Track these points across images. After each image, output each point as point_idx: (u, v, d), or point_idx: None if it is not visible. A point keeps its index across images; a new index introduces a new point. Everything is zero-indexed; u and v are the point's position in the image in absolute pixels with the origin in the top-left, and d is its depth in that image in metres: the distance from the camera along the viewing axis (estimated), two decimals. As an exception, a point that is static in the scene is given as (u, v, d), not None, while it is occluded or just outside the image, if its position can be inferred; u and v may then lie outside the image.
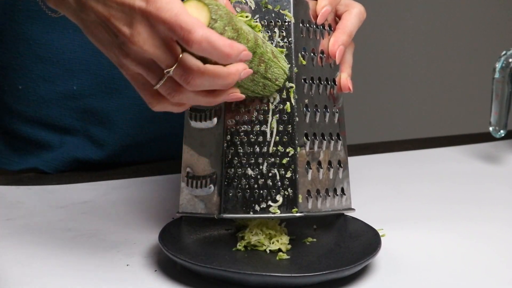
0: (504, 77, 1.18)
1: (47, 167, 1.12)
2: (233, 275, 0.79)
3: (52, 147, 1.13)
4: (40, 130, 1.13)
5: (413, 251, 0.90)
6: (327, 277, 0.81)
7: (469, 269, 0.86)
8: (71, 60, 1.10)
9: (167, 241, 0.84)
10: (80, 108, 1.12)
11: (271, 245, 0.87)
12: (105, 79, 1.11)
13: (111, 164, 1.14)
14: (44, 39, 1.10)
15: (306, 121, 0.87)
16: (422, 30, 2.76)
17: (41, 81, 1.11)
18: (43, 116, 1.12)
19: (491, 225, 0.98)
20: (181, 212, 0.89)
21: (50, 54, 1.10)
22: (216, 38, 0.76)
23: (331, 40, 0.90)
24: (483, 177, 1.16)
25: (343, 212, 0.91)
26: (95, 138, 1.13)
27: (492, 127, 1.20)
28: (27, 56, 1.10)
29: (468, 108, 2.78)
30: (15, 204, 1.00)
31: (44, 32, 1.09)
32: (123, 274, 0.83)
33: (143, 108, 1.14)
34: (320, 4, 0.89)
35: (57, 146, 1.13)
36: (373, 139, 1.59)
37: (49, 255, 0.87)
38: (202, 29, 0.75)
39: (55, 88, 1.11)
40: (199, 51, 0.76)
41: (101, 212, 0.98)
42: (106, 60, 1.10)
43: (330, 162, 0.89)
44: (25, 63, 1.11)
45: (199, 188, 0.86)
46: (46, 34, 1.09)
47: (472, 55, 2.79)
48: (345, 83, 0.91)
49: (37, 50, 1.09)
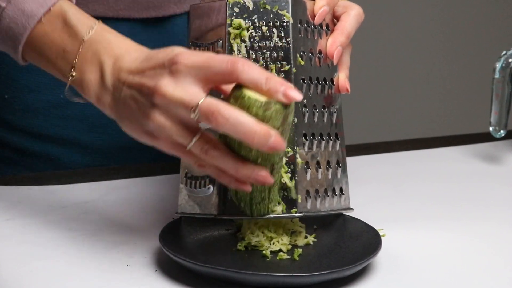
0: (504, 77, 1.18)
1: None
2: (233, 275, 0.79)
3: (38, 156, 1.13)
4: (26, 139, 1.12)
5: (413, 251, 0.90)
6: (327, 277, 0.81)
7: (469, 269, 0.86)
8: None
9: (167, 241, 0.84)
10: (68, 116, 1.12)
11: (272, 246, 0.87)
12: None
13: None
14: None
15: (304, 121, 0.87)
16: (422, 30, 2.76)
17: (27, 90, 1.11)
18: (29, 125, 1.12)
19: (491, 225, 0.98)
20: (180, 212, 0.89)
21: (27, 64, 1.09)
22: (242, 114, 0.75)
23: (329, 41, 0.90)
24: (483, 177, 1.16)
25: (342, 212, 0.91)
26: (85, 145, 1.13)
27: (492, 127, 1.20)
28: (13, 66, 1.09)
29: (468, 108, 2.78)
30: (15, 204, 1.00)
31: None
32: (123, 274, 0.83)
33: None
34: (318, 5, 0.89)
35: (43, 155, 1.13)
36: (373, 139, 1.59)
37: (49, 255, 0.87)
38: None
39: (42, 97, 1.11)
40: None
41: (101, 212, 0.98)
42: None
43: (329, 162, 0.89)
44: (10, 73, 1.10)
45: (198, 188, 0.86)
46: None
47: (472, 55, 2.79)
48: (343, 84, 0.91)
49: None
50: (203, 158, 0.78)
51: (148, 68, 0.78)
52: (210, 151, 0.77)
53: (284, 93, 0.76)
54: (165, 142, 0.79)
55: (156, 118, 0.77)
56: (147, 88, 0.78)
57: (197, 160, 0.79)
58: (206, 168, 0.79)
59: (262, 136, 0.74)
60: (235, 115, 0.74)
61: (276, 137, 0.75)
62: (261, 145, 0.74)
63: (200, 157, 0.78)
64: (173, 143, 0.78)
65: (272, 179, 0.78)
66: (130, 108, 0.79)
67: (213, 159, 0.77)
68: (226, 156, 0.77)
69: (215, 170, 0.79)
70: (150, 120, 0.78)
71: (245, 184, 0.79)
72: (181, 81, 0.76)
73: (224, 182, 0.79)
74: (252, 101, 0.76)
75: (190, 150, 0.78)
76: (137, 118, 0.79)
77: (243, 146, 0.77)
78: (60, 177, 1.10)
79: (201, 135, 0.77)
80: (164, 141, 0.79)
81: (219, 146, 0.78)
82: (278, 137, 0.75)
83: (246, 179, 0.78)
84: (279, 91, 0.76)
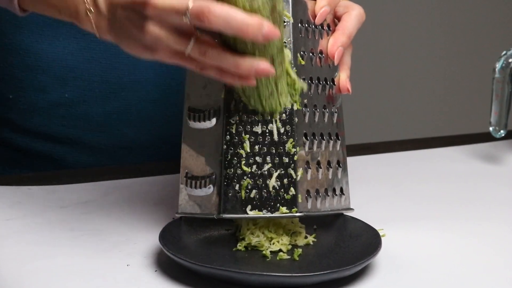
0: (504, 77, 1.18)
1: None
2: (233, 275, 0.79)
3: (43, 156, 1.13)
4: (30, 139, 1.13)
5: (413, 251, 0.90)
6: (327, 277, 0.81)
7: (469, 269, 0.86)
8: (62, 68, 1.10)
9: (167, 241, 0.84)
10: (73, 115, 1.12)
11: (272, 246, 0.87)
12: (99, 84, 1.11)
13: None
14: (33, 48, 1.09)
15: (305, 121, 0.87)
16: (422, 30, 2.76)
17: (32, 90, 1.11)
18: (33, 125, 1.12)
19: (491, 225, 0.98)
20: (180, 212, 0.89)
21: (40, 63, 1.09)
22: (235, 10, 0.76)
23: (330, 41, 0.90)
24: (483, 177, 1.16)
25: (342, 212, 0.91)
26: (89, 145, 1.13)
27: (492, 127, 1.20)
28: (17, 66, 1.10)
29: (468, 108, 2.78)
30: (15, 204, 1.00)
31: (33, 41, 1.09)
32: (123, 274, 0.83)
33: (141, 108, 1.14)
34: (319, 5, 0.89)
35: (47, 154, 1.13)
36: (373, 139, 1.59)
37: (49, 255, 0.87)
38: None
39: (46, 97, 1.11)
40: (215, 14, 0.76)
41: (102, 212, 0.98)
42: (98, 66, 1.10)
43: (329, 162, 0.89)
44: (14, 72, 1.10)
45: (199, 188, 0.86)
46: (36, 43, 1.09)
47: (472, 55, 2.79)
48: (344, 85, 0.91)
49: (27, 60, 1.09)
50: (203, 60, 0.79)
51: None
52: (208, 52, 0.79)
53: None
54: (165, 52, 0.80)
55: (151, 30, 0.79)
56: (138, 4, 0.79)
57: (197, 64, 0.80)
58: (208, 71, 0.80)
59: (255, 27, 0.76)
60: (225, 11, 0.76)
61: (269, 26, 0.76)
62: (255, 35, 0.76)
63: (200, 60, 0.79)
64: (172, 52, 0.80)
65: (273, 70, 0.80)
66: (126, 27, 0.81)
67: (212, 59, 0.79)
68: (225, 53, 0.79)
69: (217, 70, 0.80)
70: (146, 33, 0.79)
71: (248, 78, 0.80)
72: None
73: (228, 81, 0.81)
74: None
75: (190, 55, 0.79)
76: (134, 35, 0.80)
77: (238, 41, 0.79)
78: (60, 177, 1.10)
79: (197, 38, 0.79)
80: (163, 51, 0.80)
81: (216, 45, 0.79)
82: (270, 26, 0.76)
83: (248, 73, 0.79)
84: None
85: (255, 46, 0.80)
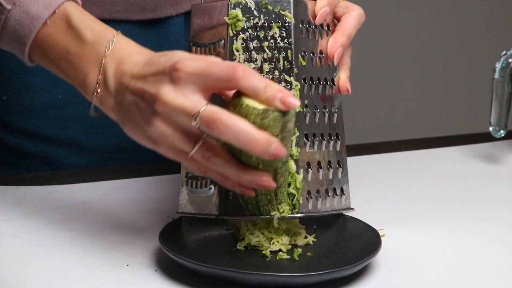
0: (504, 77, 1.18)
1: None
2: (233, 275, 0.79)
3: (36, 157, 1.13)
4: (24, 140, 1.12)
5: (413, 251, 0.90)
6: (327, 277, 0.81)
7: (469, 269, 0.86)
8: None
9: (167, 241, 0.84)
10: (66, 117, 1.12)
11: (272, 246, 0.87)
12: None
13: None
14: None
15: (306, 122, 0.87)
16: (422, 30, 2.76)
17: (25, 91, 1.10)
18: (27, 126, 1.12)
19: (491, 225, 0.98)
20: (180, 212, 0.89)
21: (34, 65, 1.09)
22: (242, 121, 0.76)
23: (330, 41, 0.90)
24: (483, 177, 1.16)
25: (342, 212, 0.91)
26: (83, 146, 1.13)
27: (492, 127, 1.20)
28: (11, 68, 1.09)
29: (468, 108, 2.78)
30: (15, 204, 1.00)
31: None
32: (123, 274, 0.83)
33: None
34: (319, 5, 0.89)
35: (41, 156, 1.13)
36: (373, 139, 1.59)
37: (49, 255, 0.87)
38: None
39: (40, 98, 1.11)
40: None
41: (101, 212, 0.98)
42: None
43: (330, 162, 0.89)
44: (9, 74, 1.10)
45: (199, 188, 0.86)
46: None
47: (472, 55, 2.79)
48: (344, 85, 0.91)
49: (21, 62, 1.09)
50: (205, 164, 0.78)
51: (150, 74, 0.78)
52: (212, 158, 0.78)
53: (281, 99, 0.76)
54: (167, 149, 0.79)
55: (157, 125, 0.77)
56: (148, 95, 0.78)
57: (199, 167, 0.79)
58: (208, 174, 0.79)
59: (263, 144, 0.75)
60: (236, 124, 0.75)
61: (276, 145, 0.75)
62: (262, 153, 0.75)
63: (202, 164, 0.78)
64: (175, 150, 0.79)
65: (274, 184, 0.79)
66: (132, 113, 0.80)
67: (215, 166, 0.78)
68: (228, 163, 0.78)
69: (217, 175, 0.79)
70: (152, 127, 0.78)
71: (248, 189, 0.79)
72: (182, 88, 0.76)
73: (227, 186, 0.80)
74: (250, 109, 0.76)
75: (192, 156, 0.78)
76: (139, 124, 0.79)
77: (244, 153, 0.77)
78: (60, 177, 1.10)
79: (203, 142, 0.77)
80: (166, 147, 0.79)
81: (221, 153, 0.78)
82: (278, 145, 0.75)
83: (249, 185, 0.78)
84: (277, 98, 0.76)
85: (259, 160, 0.78)
